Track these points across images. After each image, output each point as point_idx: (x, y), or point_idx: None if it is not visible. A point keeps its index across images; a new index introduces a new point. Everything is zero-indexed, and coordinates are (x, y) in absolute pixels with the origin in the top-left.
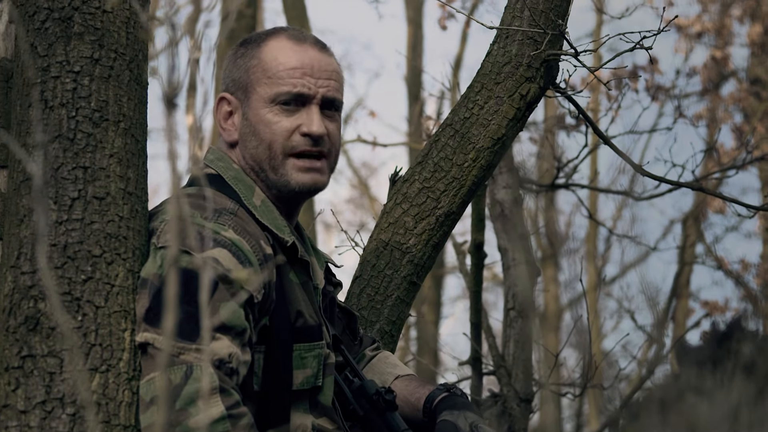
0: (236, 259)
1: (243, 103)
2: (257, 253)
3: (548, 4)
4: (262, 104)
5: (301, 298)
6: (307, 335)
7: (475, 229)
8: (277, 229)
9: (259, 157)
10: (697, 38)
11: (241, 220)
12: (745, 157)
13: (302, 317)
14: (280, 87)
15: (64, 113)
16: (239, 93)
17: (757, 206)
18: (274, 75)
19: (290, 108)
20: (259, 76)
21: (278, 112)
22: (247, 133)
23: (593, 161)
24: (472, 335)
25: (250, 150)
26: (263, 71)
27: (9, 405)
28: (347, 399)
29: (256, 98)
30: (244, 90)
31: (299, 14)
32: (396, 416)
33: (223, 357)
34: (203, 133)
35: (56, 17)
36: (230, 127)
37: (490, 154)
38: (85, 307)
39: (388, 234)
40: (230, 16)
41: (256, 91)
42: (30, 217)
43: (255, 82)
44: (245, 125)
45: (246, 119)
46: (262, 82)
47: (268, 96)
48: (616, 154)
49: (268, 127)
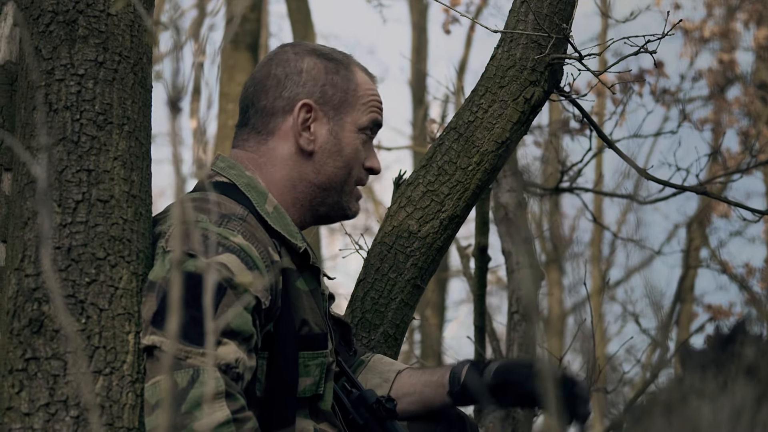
0: (244, 265)
1: (331, 119)
2: (265, 259)
3: (553, 8)
4: (353, 128)
5: (308, 306)
6: (311, 343)
7: (479, 232)
8: (290, 235)
9: (337, 177)
10: (703, 43)
11: (250, 226)
12: (750, 161)
13: (307, 325)
14: (372, 116)
15: (68, 116)
16: (328, 108)
17: (762, 210)
18: (367, 104)
19: (368, 138)
20: (355, 101)
21: (362, 140)
22: (333, 152)
23: (598, 165)
24: (476, 339)
25: (330, 167)
26: (358, 97)
27: (13, 407)
28: (346, 409)
29: (350, 121)
30: (336, 108)
31: (304, 18)
32: (397, 424)
33: (230, 362)
34: (207, 137)
35: (61, 20)
36: (310, 136)
37: (494, 157)
38: (89, 309)
39: (392, 237)
40: (234, 20)
41: (350, 113)
42: (34, 220)
43: (351, 105)
44: (332, 142)
45: (334, 137)
46: (357, 107)
47: (360, 122)
48: (621, 158)
49: (355, 152)
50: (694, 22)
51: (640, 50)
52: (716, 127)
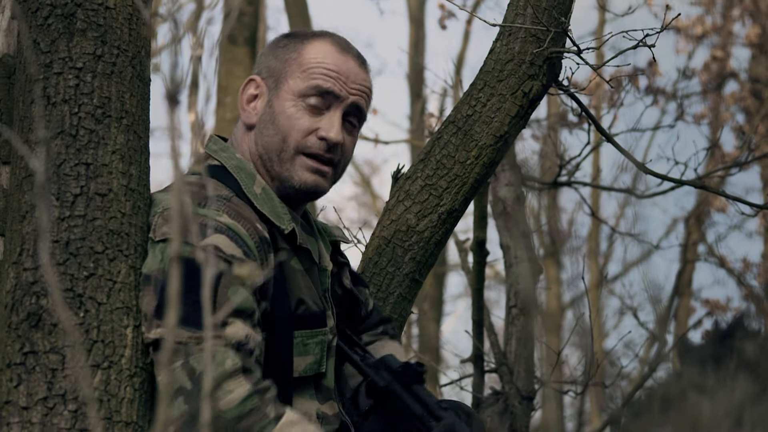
0: (234, 243)
1: (271, 90)
2: (253, 236)
3: (551, 2)
4: (290, 96)
5: (304, 284)
6: (309, 322)
7: (477, 226)
8: (276, 216)
9: (271, 145)
10: (698, 40)
11: (235, 205)
12: (747, 155)
13: (304, 304)
14: (312, 81)
15: (66, 109)
16: (270, 80)
17: (760, 204)
18: (310, 70)
19: (315, 107)
20: (295, 68)
21: (303, 108)
22: (267, 121)
23: (596, 159)
24: (474, 333)
25: (265, 137)
26: (300, 65)
27: (11, 401)
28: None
29: (286, 89)
30: (275, 78)
31: (301, 12)
32: (423, 389)
33: (241, 339)
34: (205, 131)
35: (59, 13)
36: (252, 110)
37: (492, 151)
38: (87, 303)
39: (391, 231)
40: (232, 13)
41: (287, 82)
42: (32, 214)
43: (289, 74)
44: (267, 112)
45: (270, 107)
46: (296, 75)
47: (298, 89)
48: (619, 152)
49: (288, 120)
50: (691, 18)
51: (639, 44)
52: (713, 121)
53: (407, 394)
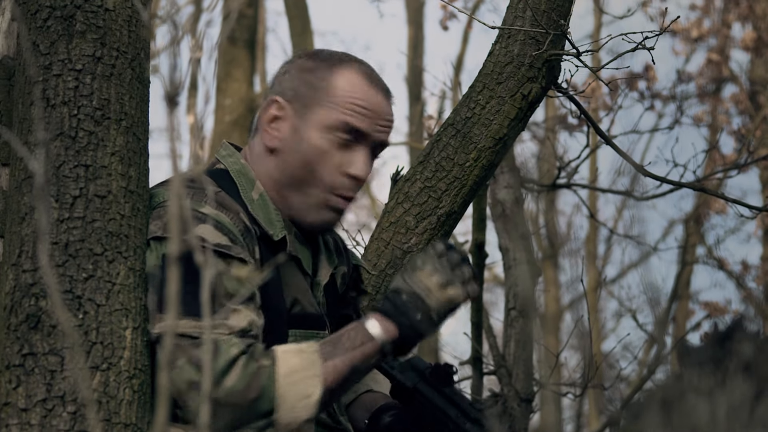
0: (219, 232)
1: (297, 116)
2: (237, 224)
3: (550, 4)
4: (319, 127)
5: (300, 287)
6: (305, 322)
7: (476, 228)
8: (269, 223)
9: (294, 174)
10: (695, 42)
11: (220, 198)
12: (746, 157)
13: (299, 304)
14: (344, 117)
15: (65, 111)
16: (296, 104)
17: (759, 207)
18: (341, 104)
19: (345, 142)
20: (323, 97)
21: (331, 141)
22: (292, 149)
23: (594, 161)
24: (473, 335)
25: (289, 164)
26: (328, 95)
27: (10, 403)
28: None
29: (314, 119)
30: (302, 104)
31: (301, 14)
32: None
33: (244, 326)
34: (204, 133)
35: (58, 15)
36: (273, 131)
37: (491, 153)
38: (86, 305)
39: (390, 233)
40: (231, 15)
41: (316, 111)
42: (31, 215)
43: (316, 102)
44: (293, 140)
45: (296, 134)
46: (324, 104)
47: (328, 121)
48: (618, 155)
49: (318, 153)
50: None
51: (638, 47)
52: (712, 124)
53: (438, 396)
